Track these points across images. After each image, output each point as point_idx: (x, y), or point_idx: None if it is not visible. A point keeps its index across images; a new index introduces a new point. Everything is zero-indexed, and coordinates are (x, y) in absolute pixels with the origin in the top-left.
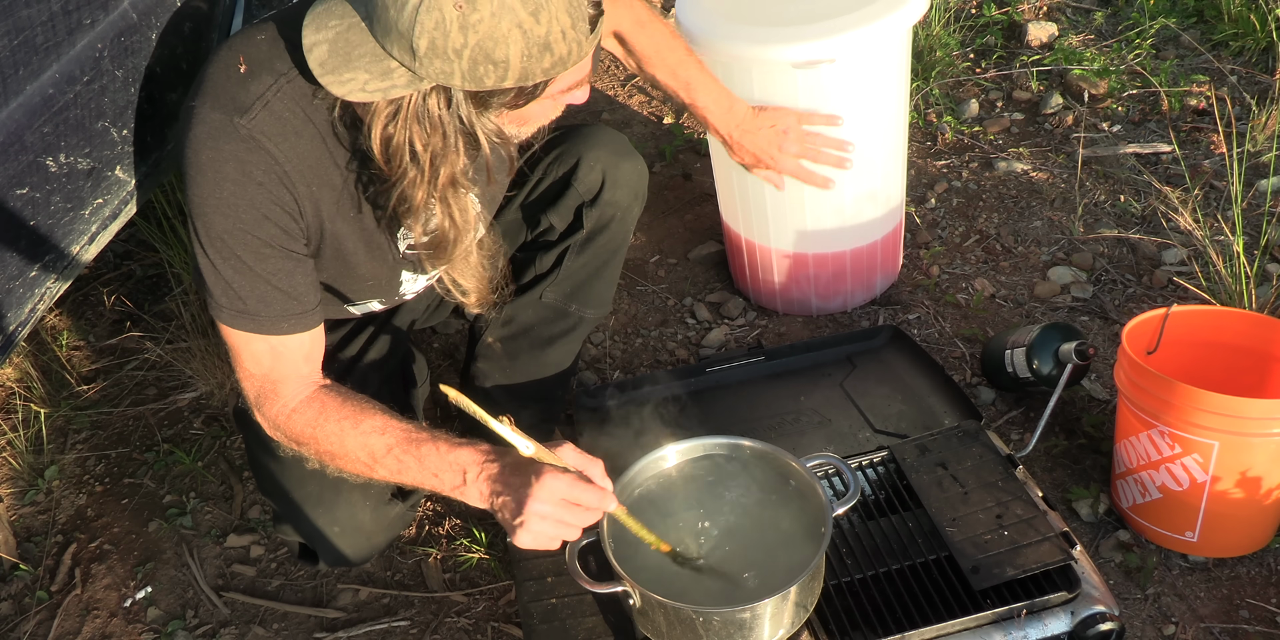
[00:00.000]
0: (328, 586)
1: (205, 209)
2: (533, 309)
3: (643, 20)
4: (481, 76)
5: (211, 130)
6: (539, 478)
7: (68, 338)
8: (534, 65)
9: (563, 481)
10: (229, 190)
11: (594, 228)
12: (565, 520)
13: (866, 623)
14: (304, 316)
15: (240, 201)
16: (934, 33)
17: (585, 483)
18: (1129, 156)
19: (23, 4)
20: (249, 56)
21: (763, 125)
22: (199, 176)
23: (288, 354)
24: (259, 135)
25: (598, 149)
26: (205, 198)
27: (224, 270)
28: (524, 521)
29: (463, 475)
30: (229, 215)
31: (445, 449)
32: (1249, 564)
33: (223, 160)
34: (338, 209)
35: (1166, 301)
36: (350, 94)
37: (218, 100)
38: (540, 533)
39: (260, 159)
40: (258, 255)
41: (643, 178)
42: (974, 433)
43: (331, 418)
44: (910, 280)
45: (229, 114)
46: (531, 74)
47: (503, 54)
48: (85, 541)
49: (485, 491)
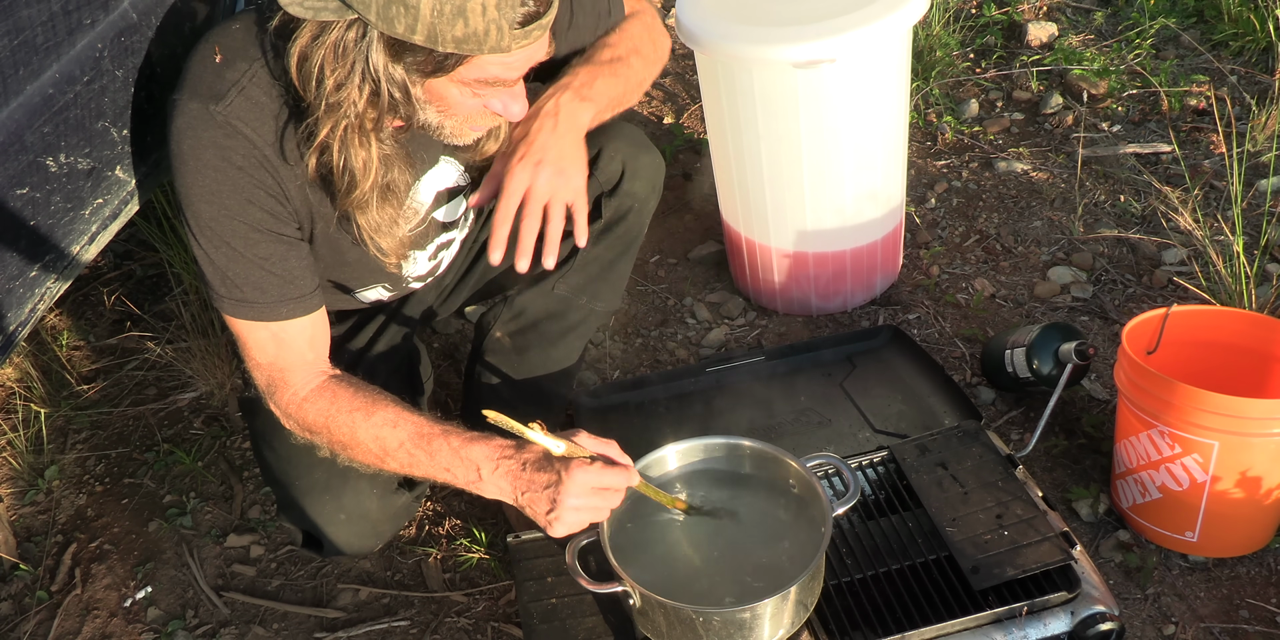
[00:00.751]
0: (328, 586)
1: (192, 198)
2: (543, 301)
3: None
4: (392, 18)
5: (190, 120)
6: (568, 471)
7: (68, 338)
8: (445, 28)
9: (591, 472)
10: (210, 177)
11: (611, 218)
12: (597, 506)
13: (866, 623)
14: (302, 300)
15: (223, 187)
16: (934, 33)
17: (609, 467)
18: (1129, 156)
19: (23, 4)
20: (224, 46)
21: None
22: (182, 166)
23: (289, 340)
24: (235, 120)
25: (618, 140)
26: (190, 187)
27: (217, 258)
28: (558, 516)
29: (477, 471)
30: (213, 202)
31: (458, 444)
32: (1249, 564)
33: (202, 148)
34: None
35: (1166, 301)
36: (290, 5)
37: (195, 90)
38: (574, 523)
39: (238, 144)
40: (247, 240)
41: (660, 171)
42: (974, 433)
43: (343, 408)
44: (910, 280)
45: (205, 102)
46: (441, 37)
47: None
48: (85, 541)
49: (507, 488)
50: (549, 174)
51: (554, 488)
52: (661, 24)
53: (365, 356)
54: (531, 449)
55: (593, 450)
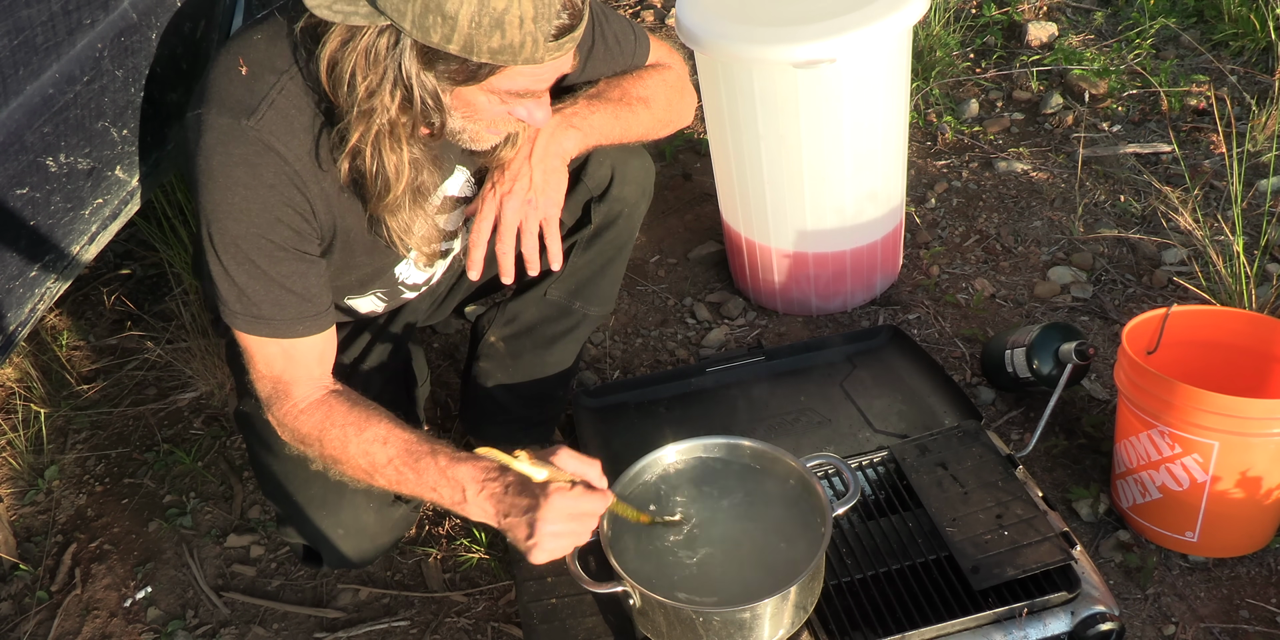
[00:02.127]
0: (328, 586)
1: (219, 215)
2: (536, 306)
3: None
4: (429, 27)
5: (221, 136)
6: (546, 498)
7: (68, 338)
8: (481, 38)
9: (569, 498)
10: (240, 195)
11: (601, 223)
12: (576, 531)
13: (866, 623)
14: (318, 318)
15: (252, 205)
16: (934, 33)
17: (587, 492)
18: (1129, 156)
19: (23, 4)
20: (248, 57)
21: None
22: (210, 183)
23: (300, 357)
24: (268, 136)
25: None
26: (218, 204)
27: (238, 276)
28: (537, 542)
29: (462, 492)
30: (241, 220)
31: (445, 464)
32: (1249, 564)
33: (233, 165)
34: (349, 204)
35: (1166, 301)
36: (318, 8)
37: (223, 105)
38: (554, 549)
39: (270, 161)
40: (272, 258)
41: (650, 175)
42: (974, 433)
43: (337, 423)
44: (910, 280)
45: (236, 117)
46: (477, 47)
47: (453, 9)
48: (85, 541)
49: (490, 510)
50: (515, 205)
51: (533, 513)
52: (690, 86)
53: (360, 367)
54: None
55: (572, 472)
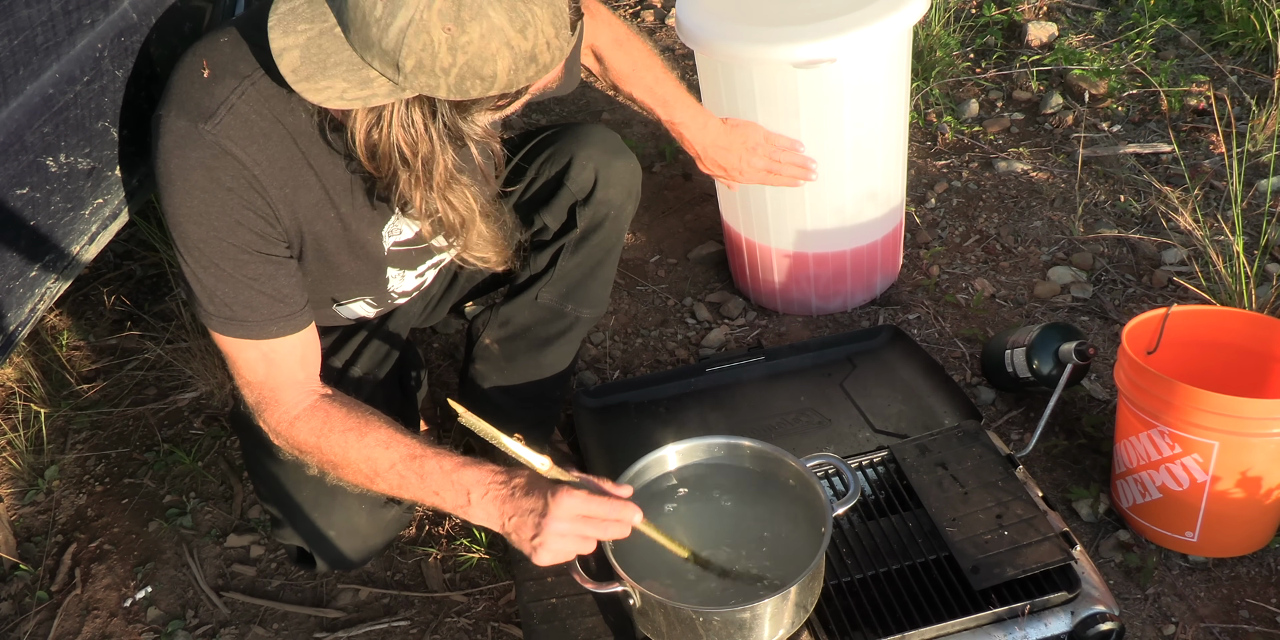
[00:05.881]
0: (328, 586)
1: (179, 218)
2: (529, 310)
3: (620, 39)
4: (468, 89)
5: (178, 138)
6: (555, 496)
7: (68, 338)
8: (519, 76)
9: (578, 498)
10: (199, 198)
11: (588, 227)
12: (583, 534)
13: (866, 623)
14: (292, 318)
15: (211, 209)
16: (934, 33)
17: (599, 495)
18: (1129, 156)
19: (23, 4)
20: (212, 61)
21: (734, 142)
22: (169, 186)
23: (280, 360)
24: (225, 141)
25: (590, 147)
26: (178, 207)
27: (205, 278)
28: (543, 542)
29: (467, 496)
30: (201, 223)
31: (450, 467)
32: (1249, 564)
33: (190, 168)
34: (316, 211)
35: (1166, 301)
36: (328, 102)
37: (182, 107)
38: (559, 551)
39: (227, 164)
40: (236, 262)
41: (636, 176)
42: (974, 433)
43: (336, 428)
44: (910, 280)
45: (193, 120)
46: (516, 83)
47: (490, 71)
48: (85, 541)
49: (494, 513)
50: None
51: (540, 513)
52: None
53: (353, 369)
54: (521, 475)
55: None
